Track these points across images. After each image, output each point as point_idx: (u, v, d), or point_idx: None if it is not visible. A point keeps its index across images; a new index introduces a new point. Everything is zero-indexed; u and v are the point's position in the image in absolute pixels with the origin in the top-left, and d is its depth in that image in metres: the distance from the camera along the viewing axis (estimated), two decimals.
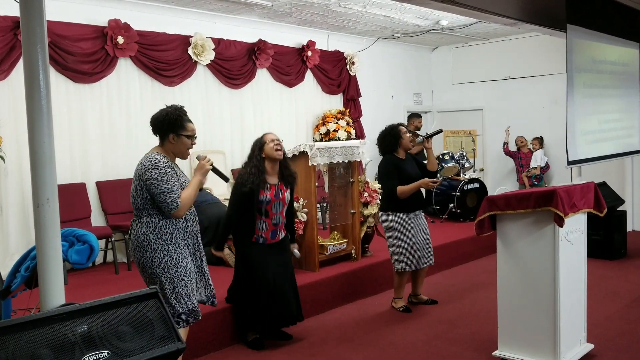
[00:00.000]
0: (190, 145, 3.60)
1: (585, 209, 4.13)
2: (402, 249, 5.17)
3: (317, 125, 9.08)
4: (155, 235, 3.47)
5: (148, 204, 3.48)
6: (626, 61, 7.73)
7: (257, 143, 4.49)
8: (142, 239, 3.48)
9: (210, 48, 7.62)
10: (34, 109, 2.57)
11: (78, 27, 6.49)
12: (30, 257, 3.59)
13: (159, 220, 3.48)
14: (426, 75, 11.29)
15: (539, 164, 9.45)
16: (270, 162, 4.44)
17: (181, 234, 3.55)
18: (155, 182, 3.40)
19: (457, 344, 4.54)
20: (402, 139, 5.21)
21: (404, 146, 5.24)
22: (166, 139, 3.55)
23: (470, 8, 5.76)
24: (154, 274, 3.48)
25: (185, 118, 3.57)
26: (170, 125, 3.52)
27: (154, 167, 3.42)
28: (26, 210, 6.03)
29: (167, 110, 3.56)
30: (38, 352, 2.18)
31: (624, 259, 7.17)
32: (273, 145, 4.41)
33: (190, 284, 3.54)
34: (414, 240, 5.17)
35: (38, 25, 2.59)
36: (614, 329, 4.74)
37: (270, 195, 4.38)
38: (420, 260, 5.23)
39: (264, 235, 4.43)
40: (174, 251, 3.49)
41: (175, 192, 3.43)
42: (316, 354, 4.45)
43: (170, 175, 3.44)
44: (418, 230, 5.21)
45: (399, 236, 5.18)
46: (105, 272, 6.12)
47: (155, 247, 3.46)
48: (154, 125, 3.59)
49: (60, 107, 6.31)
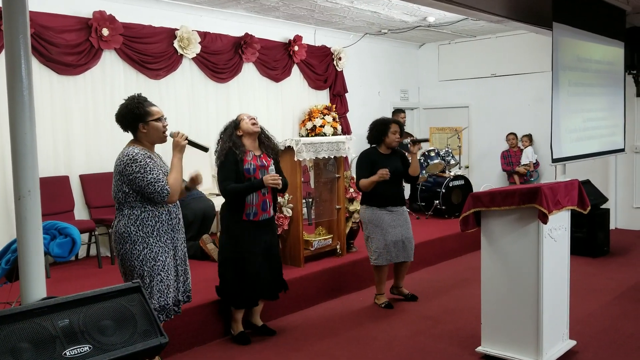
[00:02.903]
0: (163, 127, 3.53)
1: (569, 207, 4.15)
2: (375, 243, 5.18)
3: (303, 120, 9.06)
4: (136, 227, 3.44)
5: (130, 197, 3.45)
6: (611, 60, 7.80)
7: (232, 123, 4.45)
8: (122, 231, 3.45)
9: (196, 41, 7.57)
10: (15, 101, 2.54)
11: (62, 18, 6.41)
12: (10, 250, 3.56)
13: (140, 212, 3.45)
14: (413, 72, 11.31)
15: (530, 161, 9.51)
16: (248, 137, 4.40)
17: (164, 226, 3.52)
18: (140, 175, 3.37)
19: (441, 340, 4.56)
20: (387, 137, 5.22)
21: (388, 143, 5.25)
22: (137, 130, 3.50)
23: (457, 5, 5.78)
24: (132, 266, 3.45)
25: (147, 103, 3.51)
26: (135, 116, 3.46)
27: (132, 161, 3.39)
28: (7, 203, 5.95)
29: (126, 103, 3.50)
30: (18, 346, 2.15)
31: (606, 256, 7.24)
32: (248, 120, 4.38)
33: (167, 279, 3.50)
34: (388, 236, 5.14)
35: (20, 15, 2.56)
36: (596, 326, 4.78)
37: (253, 162, 4.34)
38: (394, 255, 5.20)
39: (255, 208, 4.35)
40: (154, 244, 3.46)
41: (162, 180, 3.41)
42: (300, 348, 4.45)
43: (152, 165, 3.41)
44: (393, 226, 5.18)
45: (371, 231, 5.20)
46: (88, 266, 6.08)
47: (136, 239, 3.44)
48: (120, 122, 3.53)
49: (44, 99, 6.24)
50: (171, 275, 3.54)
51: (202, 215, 6.33)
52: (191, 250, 5.50)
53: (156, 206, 3.50)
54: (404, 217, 5.31)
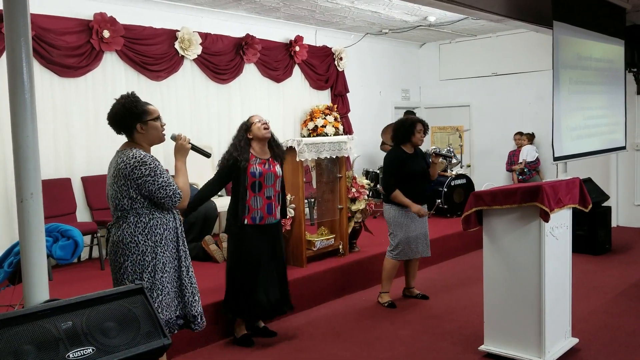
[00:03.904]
0: (161, 127, 3.33)
1: (570, 205, 4.16)
2: (397, 238, 5.25)
3: (304, 120, 9.06)
4: (144, 236, 3.22)
5: (137, 204, 3.21)
6: (611, 58, 7.80)
7: (244, 125, 4.47)
8: (128, 240, 3.21)
9: (197, 42, 7.58)
10: (17, 103, 2.54)
11: (63, 20, 6.42)
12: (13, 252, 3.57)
13: (149, 220, 3.23)
14: (414, 71, 11.31)
15: (524, 159, 9.50)
16: (258, 142, 4.43)
17: (171, 234, 3.33)
18: (150, 179, 3.16)
19: (444, 339, 4.56)
20: (414, 136, 5.28)
21: (414, 142, 5.32)
22: (134, 131, 3.25)
23: (458, 4, 5.79)
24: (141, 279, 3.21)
25: (143, 102, 3.29)
26: (132, 115, 3.23)
27: (141, 164, 3.15)
28: (10, 206, 5.97)
29: (121, 102, 3.27)
30: (21, 348, 2.15)
31: (608, 254, 7.23)
32: (260, 125, 4.40)
33: (173, 293, 3.33)
34: (411, 233, 5.25)
35: (21, 17, 2.56)
36: (598, 323, 4.78)
37: (260, 167, 4.36)
38: (414, 252, 5.31)
39: (260, 212, 4.36)
40: (162, 254, 3.27)
41: (173, 184, 3.23)
42: (303, 349, 4.45)
43: (161, 169, 3.22)
44: (415, 223, 5.27)
45: (395, 228, 5.27)
46: (90, 268, 6.08)
47: (144, 249, 3.21)
48: (114, 124, 3.30)
49: (45, 102, 6.25)
50: (175, 288, 3.36)
51: (204, 216, 6.33)
52: (193, 252, 5.51)
53: (163, 213, 3.29)
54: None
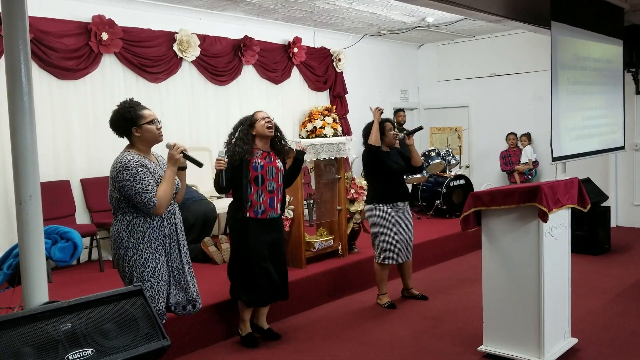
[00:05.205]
0: (156, 129, 3.49)
1: (569, 205, 4.16)
2: (384, 241, 5.23)
3: (303, 122, 9.06)
4: (127, 233, 3.42)
5: (122, 204, 3.43)
6: (610, 58, 7.81)
7: (247, 120, 4.44)
8: (116, 236, 3.45)
9: (196, 44, 7.58)
10: (15, 106, 2.55)
11: (61, 23, 6.42)
12: (12, 254, 3.57)
13: (132, 219, 3.43)
14: (412, 72, 11.31)
15: (530, 159, 9.50)
16: (261, 139, 4.43)
17: (155, 232, 3.47)
18: (129, 184, 3.34)
19: (443, 339, 4.56)
20: (386, 136, 5.27)
21: (387, 142, 5.29)
22: (131, 134, 3.48)
23: (456, 5, 5.79)
24: (124, 271, 3.46)
25: (139, 107, 3.48)
26: (127, 121, 3.44)
27: (124, 169, 3.36)
28: (9, 208, 5.96)
29: (118, 108, 3.48)
30: (21, 350, 2.16)
31: (607, 254, 7.24)
32: (264, 122, 4.39)
33: (157, 285, 3.46)
34: (396, 235, 5.22)
35: (20, 20, 2.57)
36: (597, 324, 4.78)
37: (261, 160, 4.36)
38: (403, 254, 5.31)
39: (262, 205, 4.36)
40: (144, 250, 3.43)
41: (150, 191, 3.36)
42: (303, 350, 4.45)
43: (142, 174, 3.37)
44: (400, 224, 5.25)
45: (380, 229, 5.24)
46: (90, 270, 6.08)
47: (127, 244, 3.42)
48: (114, 129, 3.52)
49: (44, 104, 6.25)
50: (162, 281, 3.49)
51: (203, 218, 6.33)
52: (193, 253, 5.50)
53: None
54: (408, 216, 5.38)
